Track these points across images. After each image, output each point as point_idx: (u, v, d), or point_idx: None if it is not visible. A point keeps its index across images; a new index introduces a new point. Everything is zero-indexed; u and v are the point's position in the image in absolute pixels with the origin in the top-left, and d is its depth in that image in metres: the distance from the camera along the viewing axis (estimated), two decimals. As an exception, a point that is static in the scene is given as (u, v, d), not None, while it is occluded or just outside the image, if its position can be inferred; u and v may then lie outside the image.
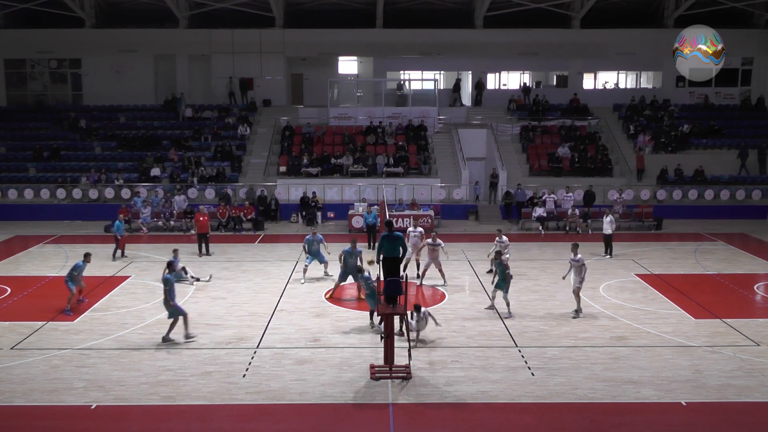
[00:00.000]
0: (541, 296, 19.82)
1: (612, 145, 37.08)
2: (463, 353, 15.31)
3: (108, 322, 17.52)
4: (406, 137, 36.95)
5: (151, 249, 26.42)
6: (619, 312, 18.32)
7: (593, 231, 29.32)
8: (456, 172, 34.96)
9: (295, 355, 15.17)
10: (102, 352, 15.38)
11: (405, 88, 41.14)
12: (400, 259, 14.52)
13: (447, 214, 32.52)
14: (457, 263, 23.85)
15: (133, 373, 14.18)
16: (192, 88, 41.42)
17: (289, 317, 17.95)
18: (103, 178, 34.17)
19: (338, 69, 43.54)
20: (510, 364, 14.71)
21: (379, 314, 14.35)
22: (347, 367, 14.53)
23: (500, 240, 21.42)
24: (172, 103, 39.96)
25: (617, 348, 15.68)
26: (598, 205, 31.16)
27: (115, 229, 24.41)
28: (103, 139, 37.72)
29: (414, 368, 14.28)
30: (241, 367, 14.51)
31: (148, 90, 41.24)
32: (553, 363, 14.76)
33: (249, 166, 35.97)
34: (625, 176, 35.03)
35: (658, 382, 13.76)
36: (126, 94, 40.48)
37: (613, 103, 40.71)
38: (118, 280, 21.67)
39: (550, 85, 43.38)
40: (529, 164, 35.91)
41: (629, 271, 22.88)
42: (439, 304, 19.01)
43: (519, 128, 38.04)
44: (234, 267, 23.59)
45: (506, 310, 17.84)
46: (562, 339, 16.29)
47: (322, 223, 32.09)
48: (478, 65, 41.79)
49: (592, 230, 29.55)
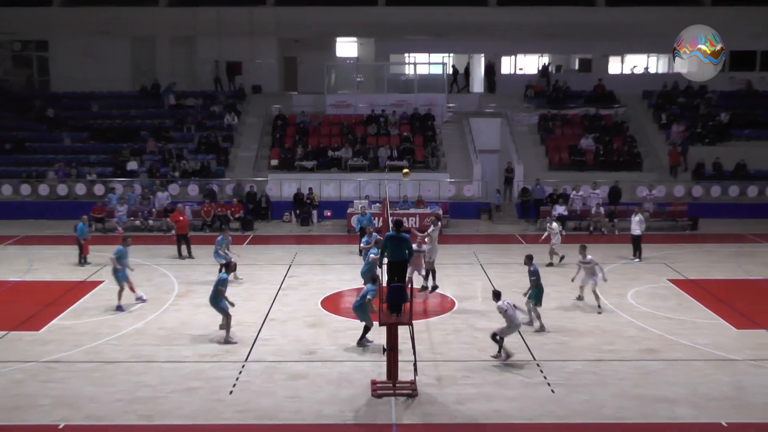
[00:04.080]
0: (562, 304, 19.73)
1: (641, 137, 36.98)
2: (475, 367, 15.24)
3: (79, 332, 17.45)
4: (411, 127, 36.89)
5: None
6: (650, 322, 18.23)
7: (620, 232, 29.25)
8: (467, 166, 34.90)
9: (289, 370, 15.11)
10: (72, 366, 15.32)
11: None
12: (406, 263, 14.46)
13: (457, 212, 32.48)
14: (468, 267, 23.79)
15: (106, 389, 14.12)
16: (174, 73, 41.38)
17: (281, 327, 17.90)
18: (73, 172, 34.15)
19: (336, 52, 43.55)
20: (527, 379, 14.64)
21: (381, 324, 14.28)
22: (346, 382, 14.47)
23: (584, 260, 19.41)
24: (154, 90, 39.90)
25: (648, 362, 15.60)
26: (626, 203, 31.07)
27: (77, 232, 24.36)
28: (74, 130, 37.70)
29: (420, 384, 14.22)
30: (228, 382, 14.45)
31: (124, 75, 41.25)
32: (575, 378, 14.68)
33: (237, 160, 35.93)
34: (655, 171, 34.95)
35: (694, 400, 13.68)
36: (99, 80, 40.39)
37: (643, 89, 40.61)
38: (90, 285, 21.64)
39: (572, 70, 43.32)
40: (548, 158, 35.84)
41: (661, 276, 22.80)
42: (448, 313, 18.95)
43: (537, 117, 37.95)
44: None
45: (539, 323, 17.74)
46: (586, 352, 16.21)
47: (318, 222, 32.07)
48: (492, 47, 41.75)
49: (619, 231, 29.48)
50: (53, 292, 20.74)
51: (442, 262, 24.54)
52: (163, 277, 22.77)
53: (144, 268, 23.63)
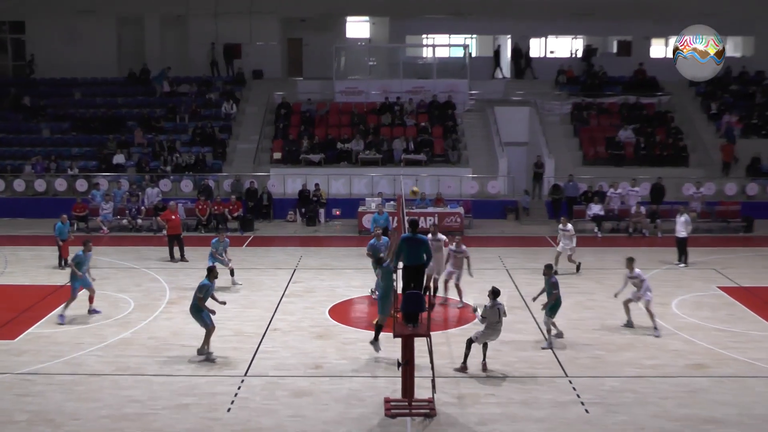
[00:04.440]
0: (597, 314, 19.70)
1: (688, 128, 36.86)
2: (500, 385, 15.23)
3: (59, 341, 17.53)
4: (429, 117, 36.92)
5: (113, 253, 26.53)
6: (697, 334, 18.16)
7: (663, 234, 29.14)
8: (491, 161, 34.89)
9: (292, 386, 15.14)
10: (51, 378, 15.40)
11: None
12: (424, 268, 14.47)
13: (480, 211, 32.43)
14: (493, 273, 23.77)
15: (90, 405, 14.18)
16: (165, 57, 41.57)
17: (284, 338, 17.93)
18: (52, 166, 34.38)
19: (346, 32, 43.59)
20: (558, 398, 14.61)
21: (396, 335, 14.29)
22: (356, 401, 14.48)
23: (632, 275, 18.76)
24: (143, 76, 40.07)
25: (694, 378, 15.54)
26: (670, 202, 31.01)
27: (56, 232, 24.50)
28: (53, 120, 37.96)
29: (439, 403, 14.20)
30: (226, 399, 14.49)
31: (110, 59, 41.48)
32: (612, 397, 14.64)
33: (235, 153, 36.07)
34: (703, 166, 34.83)
35: (748, 422, 13.63)
36: (82, 65, 40.62)
37: (690, 75, 40.37)
38: (71, 290, 21.68)
39: (610, 53, 43.19)
40: (582, 151, 35.79)
41: (709, 283, 22.72)
42: (470, 324, 18.93)
43: (570, 106, 37.93)
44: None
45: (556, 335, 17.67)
46: (624, 367, 16.16)
47: (326, 222, 32.11)
48: (520, 28, 41.67)
49: (662, 233, 29.37)
50: (30, 298, 20.88)
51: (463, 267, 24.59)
52: (154, 282, 22.86)
53: (132, 272, 23.78)
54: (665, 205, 30.98)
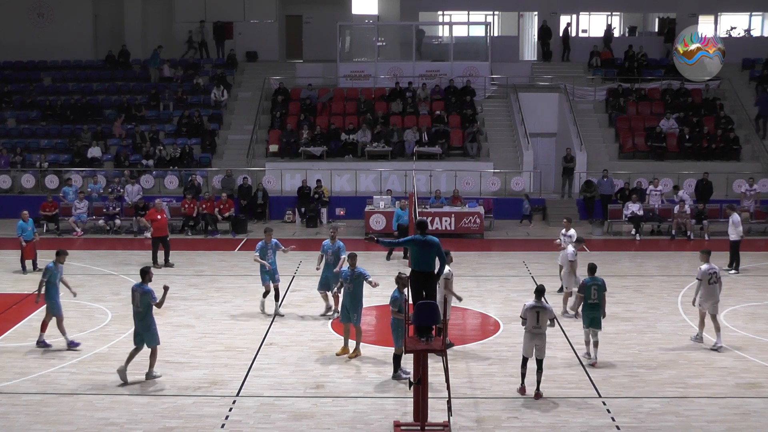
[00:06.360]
0: (636, 326, 19.70)
1: (740, 118, 36.81)
2: (524, 407, 15.22)
3: (25, 357, 17.59)
4: (445, 104, 36.96)
5: (87, 257, 26.60)
6: (750, 349, 18.13)
7: (711, 236, 29.11)
8: (515, 154, 34.93)
9: (290, 407, 15.16)
10: (17, 398, 15.44)
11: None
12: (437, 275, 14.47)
13: (503, 211, 32.46)
14: (517, 280, 23.76)
15: (61, 428, 14.22)
16: (146, 37, 41.70)
17: (281, 354, 17.95)
18: (18, 160, 34.50)
19: (351, 8, 43.65)
20: (591, 421, 14.61)
21: (407, 351, 14.30)
22: (362, 424, 14.50)
23: (710, 270, 18.69)
24: (122, 59, 40.14)
25: (747, 399, 15.52)
26: (719, 201, 30.98)
27: (18, 231, 24.55)
28: (19, 108, 38.09)
29: (455, 427, 14.21)
30: (215, 421, 14.52)
31: (85, 40, 41.58)
32: (652, 420, 14.63)
33: (227, 145, 36.17)
34: (757, 160, 34.79)
35: (805, 449, 13.64)
36: (52, 47, 40.71)
37: (743, 57, 40.35)
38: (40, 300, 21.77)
39: (650, 32, 43.14)
40: (618, 143, 35.77)
41: (764, 291, 22.72)
42: (491, 338, 18.94)
43: (605, 92, 37.90)
44: (205, 284, 23.65)
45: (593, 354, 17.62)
46: (665, 387, 16.14)
47: (329, 222, 32.10)
48: (547, 4, 41.69)
49: (710, 235, 29.34)
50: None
51: (483, 274, 24.66)
52: (133, 290, 22.89)
53: (109, 279, 23.84)
54: (713, 204, 30.95)
